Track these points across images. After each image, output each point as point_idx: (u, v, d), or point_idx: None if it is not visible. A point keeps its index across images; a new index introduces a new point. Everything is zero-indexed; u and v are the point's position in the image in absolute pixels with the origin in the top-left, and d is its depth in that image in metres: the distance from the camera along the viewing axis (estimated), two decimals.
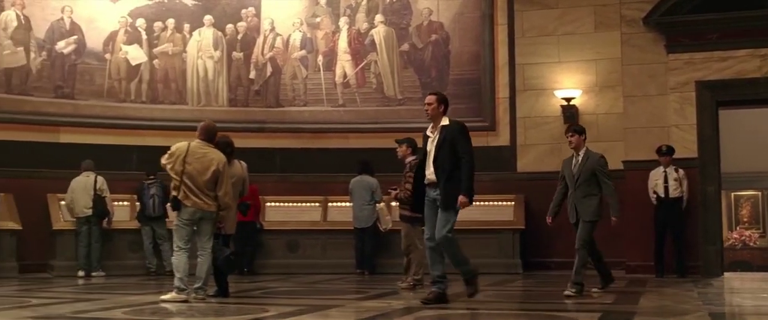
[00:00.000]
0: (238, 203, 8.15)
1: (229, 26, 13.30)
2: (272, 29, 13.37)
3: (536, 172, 12.60)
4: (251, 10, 13.37)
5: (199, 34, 13.21)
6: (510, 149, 12.94)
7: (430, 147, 7.04)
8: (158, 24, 13.09)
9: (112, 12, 12.97)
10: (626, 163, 11.46)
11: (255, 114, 13.18)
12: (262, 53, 13.35)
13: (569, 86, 12.66)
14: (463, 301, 7.07)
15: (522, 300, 8.27)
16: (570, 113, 12.52)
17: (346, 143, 13.11)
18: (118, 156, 12.60)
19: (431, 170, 6.94)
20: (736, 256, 17.24)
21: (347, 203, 12.23)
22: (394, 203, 12.13)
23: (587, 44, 12.65)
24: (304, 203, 12.72)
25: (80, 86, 12.75)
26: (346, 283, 10.26)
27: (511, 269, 11.79)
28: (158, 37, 13.12)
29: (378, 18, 13.34)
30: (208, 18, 13.22)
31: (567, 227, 12.03)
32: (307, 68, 13.41)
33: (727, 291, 9.23)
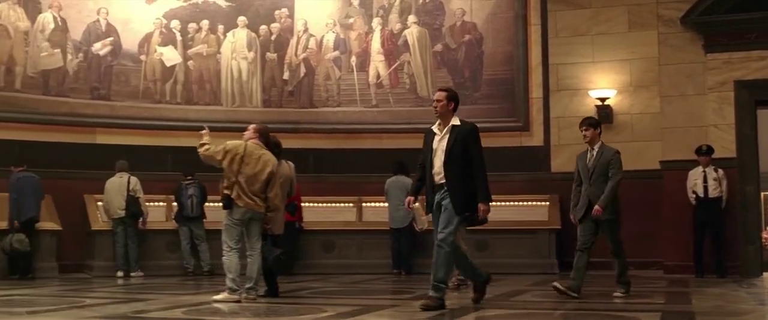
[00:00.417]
0: (286, 203, 8.20)
1: (263, 27, 13.36)
2: (306, 30, 13.43)
3: (570, 172, 12.32)
4: (284, 11, 13.42)
5: (233, 36, 13.28)
6: (544, 150, 12.94)
7: (437, 146, 6.63)
8: (192, 25, 13.16)
9: (147, 13, 13.05)
10: (664, 163, 11.45)
11: (289, 115, 13.22)
12: (296, 54, 13.41)
13: (603, 85, 12.65)
14: (514, 301, 7.07)
15: (574, 300, 8.19)
16: (604, 112, 12.50)
17: (380, 143, 13.13)
18: (154, 157, 12.66)
19: (439, 172, 6.57)
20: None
21: (382, 204, 12.25)
22: (417, 205, 12.19)
23: (621, 44, 12.63)
24: (339, 204, 12.75)
25: (116, 87, 12.84)
26: (387, 283, 10.29)
27: (548, 269, 11.77)
28: (192, 39, 13.19)
29: (411, 18, 13.37)
30: (242, 19, 13.28)
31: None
32: (341, 69, 13.45)
33: None
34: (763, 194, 17.80)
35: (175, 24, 13.10)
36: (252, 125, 7.96)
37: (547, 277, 10.95)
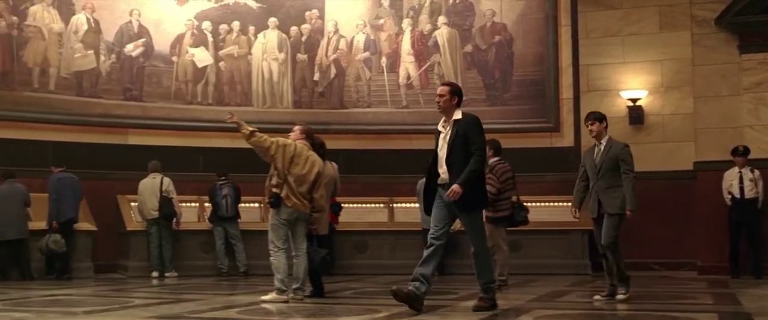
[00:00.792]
0: (331, 204, 8.22)
1: (294, 28, 13.42)
2: (336, 31, 13.47)
3: None
4: (315, 12, 13.47)
5: (264, 37, 13.34)
6: (574, 150, 12.92)
7: (442, 144, 6.43)
8: (224, 26, 13.23)
9: (179, 15, 13.12)
10: (698, 164, 11.44)
11: (319, 116, 13.26)
12: (326, 55, 13.46)
13: (634, 86, 12.65)
14: (561, 302, 7.06)
15: (627, 300, 8.15)
16: (636, 113, 12.51)
17: (410, 144, 13.13)
18: (185, 158, 12.73)
19: (444, 169, 6.36)
20: None
21: (413, 204, 12.25)
22: None
23: (652, 45, 12.62)
24: (370, 205, 12.78)
25: (148, 88, 12.91)
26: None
27: (581, 270, 11.78)
28: (224, 40, 13.26)
29: (441, 19, 13.40)
30: (273, 20, 13.34)
31: (633, 228, 12.09)
32: (371, 70, 13.49)
33: None
34: None
35: (207, 25, 13.17)
36: (297, 126, 7.98)
37: (581, 278, 10.97)
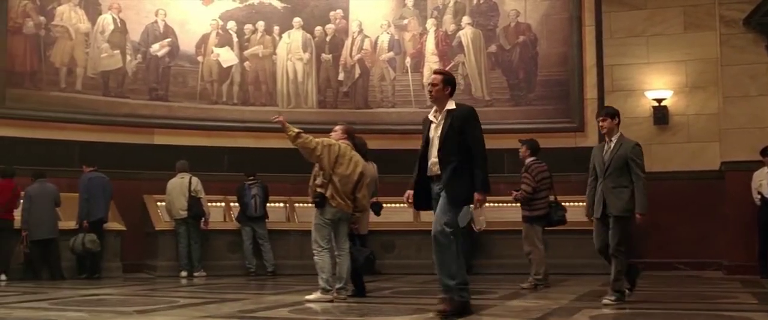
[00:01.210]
0: (372, 203, 8.25)
1: (318, 28, 13.45)
2: (360, 31, 13.50)
3: None
4: (339, 12, 13.50)
5: (289, 37, 13.37)
6: None
7: (433, 134, 6.14)
8: (248, 26, 13.26)
9: (204, 15, 13.15)
10: (726, 164, 11.45)
11: (344, 116, 13.17)
12: (351, 55, 13.48)
13: (659, 86, 12.68)
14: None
15: (672, 300, 8.16)
16: (661, 113, 12.54)
17: None
18: (210, 157, 12.75)
19: (435, 161, 6.06)
20: None
21: None
22: (486, 204, 12.23)
23: (677, 45, 12.66)
24: (395, 204, 12.74)
25: (174, 88, 12.93)
26: None
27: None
28: (248, 40, 13.29)
29: (465, 20, 13.42)
30: (297, 20, 13.36)
31: (658, 228, 12.15)
32: (395, 70, 13.51)
33: None
34: None
35: (232, 25, 13.20)
36: (339, 126, 8.02)
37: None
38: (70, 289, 9.09)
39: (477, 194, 5.99)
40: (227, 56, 13.14)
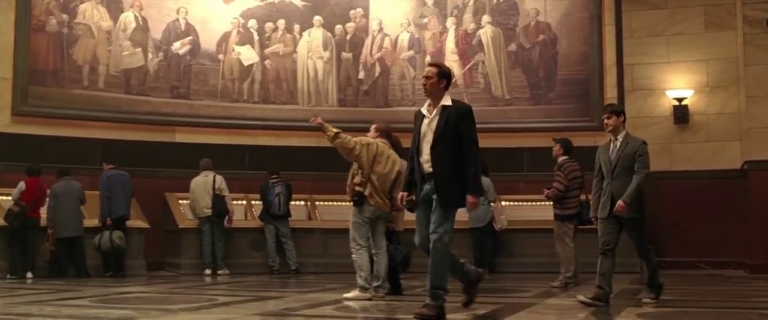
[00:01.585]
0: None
1: (338, 27, 13.46)
2: (380, 30, 13.52)
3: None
4: (359, 11, 13.51)
5: (309, 35, 13.38)
6: None
7: (426, 130, 5.81)
8: (269, 25, 13.27)
9: (225, 13, 13.16)
10: (750, 163, 11.50)
11: (364, 114, 13.25)
12: (371, 54, 13.50)
13: (679, 86, 12.72)
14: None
15: (708, 298, 8.18)
16: (681, 113, 12.59)
17: None
18: (231, 156, 12.75)
19: (427, 159, 5.77)
20: None
21: None
22: (504, 203, 12.27)
23: (697, 44, 12.71)
24: None
25: (195, 86, 12.94)
26: (488, 282, 10.20)
27: (629, 268, 11.77)
28: (269, 38, 13.30)
29: (485, 18, 13.44)
30: (318, 19, 13.38)
31: (679, 227, 12.20)
32: (415, 68, 13.52)
33: None
34: None
35: (253, 23, 13.20)
36: (374, 125, 8.05)
37: (636, 277, 10.99)
38: (102, 287, 9.07)
39: (469, 197, 5.72)
40: (248, 54, 13.15)
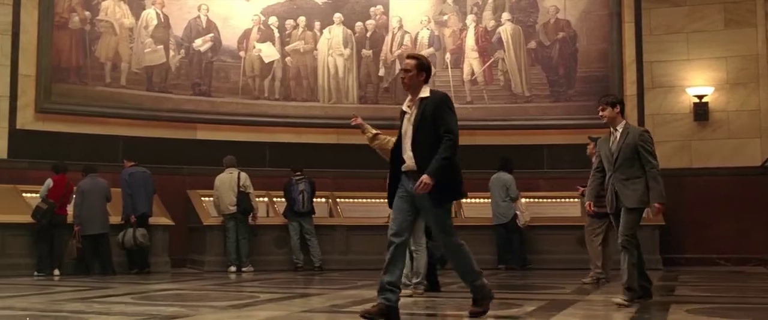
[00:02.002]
0: None
1: (359, 24, 13.47)
2: (400, 27, 13.53)
3: (664, 168, 12.33)
4: (380, 9, 13.53)
5: (330, 32, 13.39)
6: None
7: (407, 126, 5.56)
8: (290, 22, 13.28)
9: (246, 10, 13.17)
10: None
11: (384, 111, 13.23)
12: (391, 51, 13.51)
13: (698, 83, 12.78)
14: (681, 296, 7.10)
15: (742, 293, 8.21)
16: (701, 110, 12.64)
17: (473, 140, 13.11)
18: (252, 153, 12.76)
19: (409, 155, 5.48)
20: None
21: (476, 200, 12.44)
22: (525, 200, 12.32)
23: (717, 41, 12.77)
24: None
25: (216, 83, 12.95)
26: (516, 279, 10.28)
27: (652, 265, 11.80)
28: (290, 35, 13.31)
29: (505, 16, 13.46)
30: (338, 16, 13.38)
31: (698, 224, 12.25)
32: (435, 66, 13.49)
33: None
34: None
35: (273, 21, 13.21)
36: None
37: (662, 273, 11.03)
38: (134, 284, 9.05)
39: (424, 176, 5.29)
40: (269, 52, 13.15)
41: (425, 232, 7.81)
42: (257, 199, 12.20)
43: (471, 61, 13.51)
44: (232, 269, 11.41)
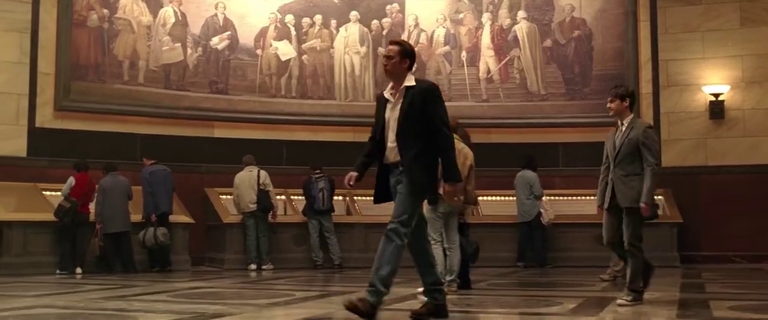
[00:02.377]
0: None
1: (375, 22, 13.49)
2: (416, 25, 13.55)
3: (680, 166, 12.80)
4: (395, 7, 13.55)
5: (346, 30, 13.40)
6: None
7: (390, 116, 5.33)
8: (306, 20, 13.29)
9: (263, 8, 13.17)
10: None
11: None
12: None
13: (714, 81, 12.83)
14: (725, 292, 7.15)
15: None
16: (717, 108, 12.69)
17: (489, 138, 13.18)
18: (269, 151, 12.75)
19: (392, 147, 5.28)
20: None
21: (494, 198, 12.48)
22: (546, 198, 12.35)
23: (732, 40, 12.81)
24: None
25: (233, 81, 12.94)
26: (538, 276, 10.32)
27: (669, 262, 11.89)
28: (306, 33, 13.31)
29: (520, 14, 13.49)
30: (354, 14, 13.40)
31: (714, 222, 12.31)
32: (451, 64, 13.57)
33: None
34: None
35: (290, 19, 13.21)
36: None
37: (681, 270, 11.09)
38: (161, 282, 9.04)
39: (445, 185, 5.27)
40: (285, 50, 13.16)
41: (459, 229, 7.87)
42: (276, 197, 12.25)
43: (487, 60, 13.53)
44: (253, 267, 11.42)
